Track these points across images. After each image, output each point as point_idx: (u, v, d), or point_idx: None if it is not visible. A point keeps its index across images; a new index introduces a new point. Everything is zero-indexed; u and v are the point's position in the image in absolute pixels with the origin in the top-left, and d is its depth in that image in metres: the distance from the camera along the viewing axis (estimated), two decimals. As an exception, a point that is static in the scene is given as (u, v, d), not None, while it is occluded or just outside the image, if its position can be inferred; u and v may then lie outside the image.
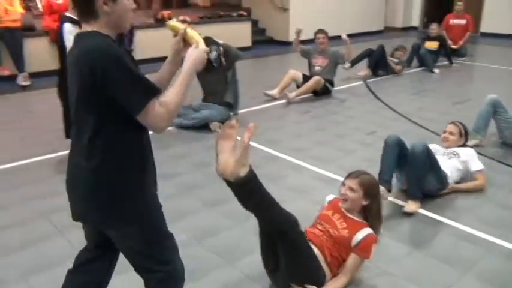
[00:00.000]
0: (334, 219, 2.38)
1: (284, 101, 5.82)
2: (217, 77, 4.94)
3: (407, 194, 3.21)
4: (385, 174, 3.13)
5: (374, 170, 2.97)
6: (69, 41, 3.88)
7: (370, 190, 2.35)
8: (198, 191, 3.46)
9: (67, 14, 4.06)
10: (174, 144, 4.40)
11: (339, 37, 6.34)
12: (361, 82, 6.93)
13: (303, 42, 6.61)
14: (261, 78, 7.30)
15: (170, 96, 1.54)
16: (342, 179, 3.59)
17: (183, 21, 4.82)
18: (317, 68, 6.20)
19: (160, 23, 8.48)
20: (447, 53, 8.16)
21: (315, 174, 3.79)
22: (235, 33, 9.49)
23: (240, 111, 5.41)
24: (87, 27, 1.53)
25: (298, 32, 6.19)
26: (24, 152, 4.15)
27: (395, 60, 7.54)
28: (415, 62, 8.05)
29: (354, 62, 7.22)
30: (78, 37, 1.55)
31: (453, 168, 3.35)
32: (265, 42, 10.39)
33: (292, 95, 5.82)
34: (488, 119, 4.30)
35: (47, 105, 5.25)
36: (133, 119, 1.49)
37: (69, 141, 1.67)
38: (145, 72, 1.54)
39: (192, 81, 1.64)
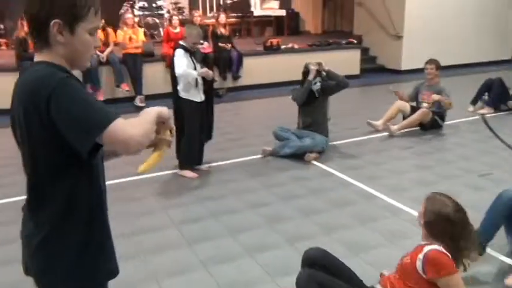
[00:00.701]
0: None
1: (387, 133, 5.49)
2: (320, 107, 4.92)
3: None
4: (482, 235, 2.72)
5: (479, 217, 2.61)
6: (177, 66, 4.13)
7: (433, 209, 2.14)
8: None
9: (181, 42, 4.33)
10: (267, 173, 4.38)
11: (460, 66, 5.81)
12: (478, 117, 6.28)
13: (417, 71, 6.13)
14: (366, 107, 7.01)
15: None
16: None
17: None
18: (424, 105, 5.65)
19: (270, 50, 8.67)
20: None
21: (413, 217, 3.44)
22: (343, 61, 9.30)
23: (339, 142, 5.25)
24: (37, 57, 1.31)
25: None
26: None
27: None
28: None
29: (474, 101, 6.62)
30: (21, 71, 1.35)
31: None
32: (375, 70, 10.04)
33: (395, 127, 5.45)
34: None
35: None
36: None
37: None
38: (254, 97, 1.47)
39: (152, 131, 1.30)
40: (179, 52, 4.19)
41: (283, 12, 11.73)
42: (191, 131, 4.25)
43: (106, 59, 7.12)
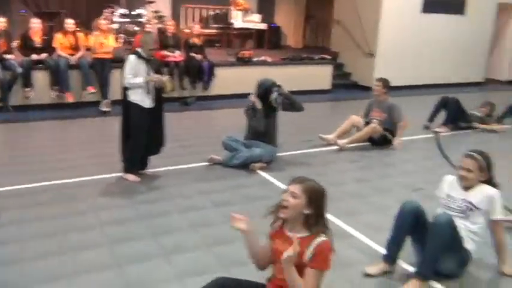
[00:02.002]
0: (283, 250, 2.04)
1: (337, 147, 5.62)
2: (274, 118, 5.02)
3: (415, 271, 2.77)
4: (388, 249, 2.84)
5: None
6: (125, 74, 4.23)
7: (314, 197, 2.04)
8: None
9: (138, 49, 4.44)
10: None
11: (429, 86, 5.91)
12: (432, 135, 6.42)
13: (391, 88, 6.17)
14: (328, 121, 7.12)
15: None
16: (359, 234, 3.38)
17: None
18: (374, 121, 5.73)
19: (242, 61, 8.82)
20: None
21: (335, 227, 3.54)
22: (315, 76, 9.51)
23: (289, 153, 5.36)
24: None
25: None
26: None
27: (479, 114, 6.91)
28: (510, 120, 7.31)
29: (430, 118, 6.80)
30: None
31: (468, 235, 2.84)
32: (348, 86, 10.22)
33: (343, 141, 5.58)
34: None
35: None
36: None
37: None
38: (222, 106, 1.54)
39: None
40: (131, 58, 4.30)
41: (264, 26, 11.92)
42: (136, 136, 4.34)
43: (76, 62, 7.23)
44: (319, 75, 9.54)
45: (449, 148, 5.72)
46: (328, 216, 3.65)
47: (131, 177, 4.39)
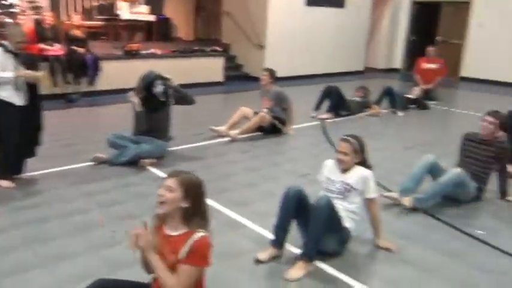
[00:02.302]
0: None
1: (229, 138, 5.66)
2: (166, 113, 4.88)
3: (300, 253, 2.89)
4: (275, 234, 2.94)
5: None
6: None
7: (191, 189, 1.99)
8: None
9: (3, 42, 4.01)
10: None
11: (314, 76, 6.19)
12: (318, 122, 6.77)
13: (279, 79, 6.35)
14: (221, 114, 7.16)
15: None
16: (251, 223, 3.43)
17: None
18: (264, 110, 5.90)
19: (129, 54, 8.48)
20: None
21: (226, 218, 3.58)
22: (207, 68, 9.49)
23: (181, 147, 5.28)
24: None
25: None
26: None
27: (358, 100, 7.44)
28: (385, 103, 7.96)
29: (316, 107, 7.16)
30: None
31: (348, 214, 3.02)
32: (240, 78, 10.36)
33: (235, 132, 5.65)
34: (418, 182, 3.92)
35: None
36: None
37: None
38: (109, 102, 1.35)
39: None
40: None
41: (153, 18, 11.57)
42: (7, 136, 3.95)
43: None
44: (211, 68, 9.54)
45: (333, 134, 6.06)
46: (220, 207, 3.72)
47: (4, 183, 3.99)
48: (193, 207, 2.00)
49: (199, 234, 1.97)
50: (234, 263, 2.93)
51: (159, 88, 4.77)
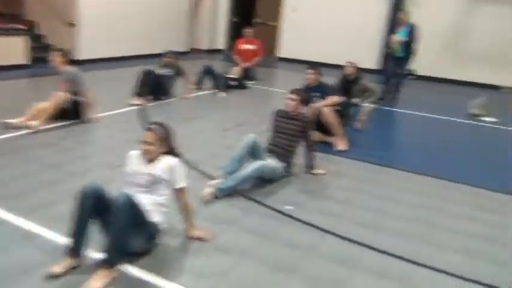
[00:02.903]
0: None
1: (31, 130, 4.91)
2: None
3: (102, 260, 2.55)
4: (71, 241, 2.57)
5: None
6: None
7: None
8: None
9: None
10: None
11: (128, 58, 5.66)
12: (135, 108, 6.37)
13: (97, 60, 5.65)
14: (22, 102, 6.19)
15: None
16: (46, 231, 2.96)
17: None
18: (58, 93, 5.17)
19: None
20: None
21: (15, 228, 3.03)
22: (5, 49, 8.19)
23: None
24: None
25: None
26: None
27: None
28: (208, 83, 7.97)
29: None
30: None
31: (156, 208, 2.81)
32: (52, 60, 9.22)
33: (34, 123, 4.92)
34: (241, 163, 3.97)
35: None
36: None
37: None
38: None
39: None
40: None
41: None
42: None
43: None
44: (11, 48, 8.26)
45: (154, 118, 5.76)
46: (9, 216, 3.13)
47: None
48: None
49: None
50: (16, 285, 2.46)
51: None
